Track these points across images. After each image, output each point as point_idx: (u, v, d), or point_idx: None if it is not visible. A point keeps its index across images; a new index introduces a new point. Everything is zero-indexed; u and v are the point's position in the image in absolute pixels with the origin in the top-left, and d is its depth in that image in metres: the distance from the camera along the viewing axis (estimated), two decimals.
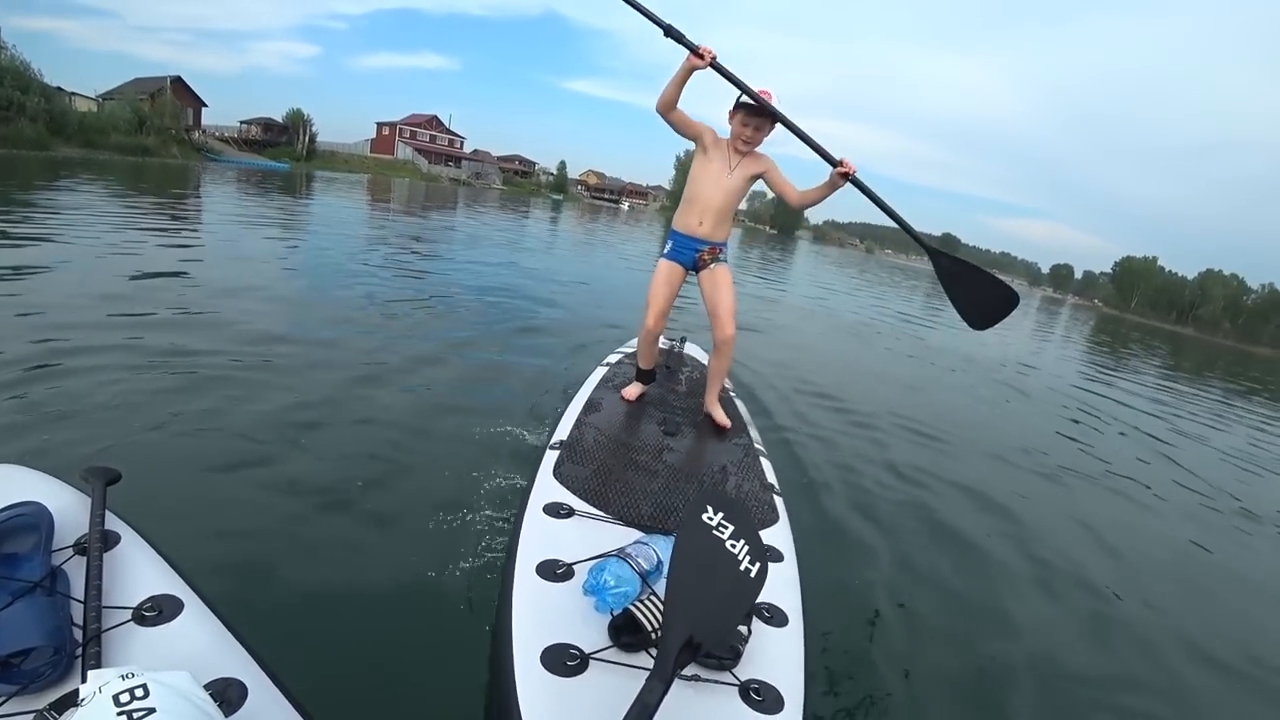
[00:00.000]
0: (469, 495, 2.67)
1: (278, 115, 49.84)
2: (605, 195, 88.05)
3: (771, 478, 2.50)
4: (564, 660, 1.28)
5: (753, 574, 1.36)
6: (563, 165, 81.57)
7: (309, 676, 1.47)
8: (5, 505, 1.23)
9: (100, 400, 3.00)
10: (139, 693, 0.86)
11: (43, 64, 30.91)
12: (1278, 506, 5.04)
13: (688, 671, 1.32)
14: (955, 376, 7.93)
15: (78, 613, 1.07)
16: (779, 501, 2.26)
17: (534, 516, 1.80)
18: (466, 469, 2.92)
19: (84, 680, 0.91)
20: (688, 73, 2.48)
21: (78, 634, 1.04)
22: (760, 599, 1.55)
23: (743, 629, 1.44)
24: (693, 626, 1.20)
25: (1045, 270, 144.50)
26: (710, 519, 1.41)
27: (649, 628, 1.35)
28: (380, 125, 64.26)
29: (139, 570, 1.22)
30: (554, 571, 1.54)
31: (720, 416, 2.89)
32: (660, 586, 1.48)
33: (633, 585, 1.44)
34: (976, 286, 2.60)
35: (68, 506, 1.32)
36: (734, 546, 1.37)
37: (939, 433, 5.04)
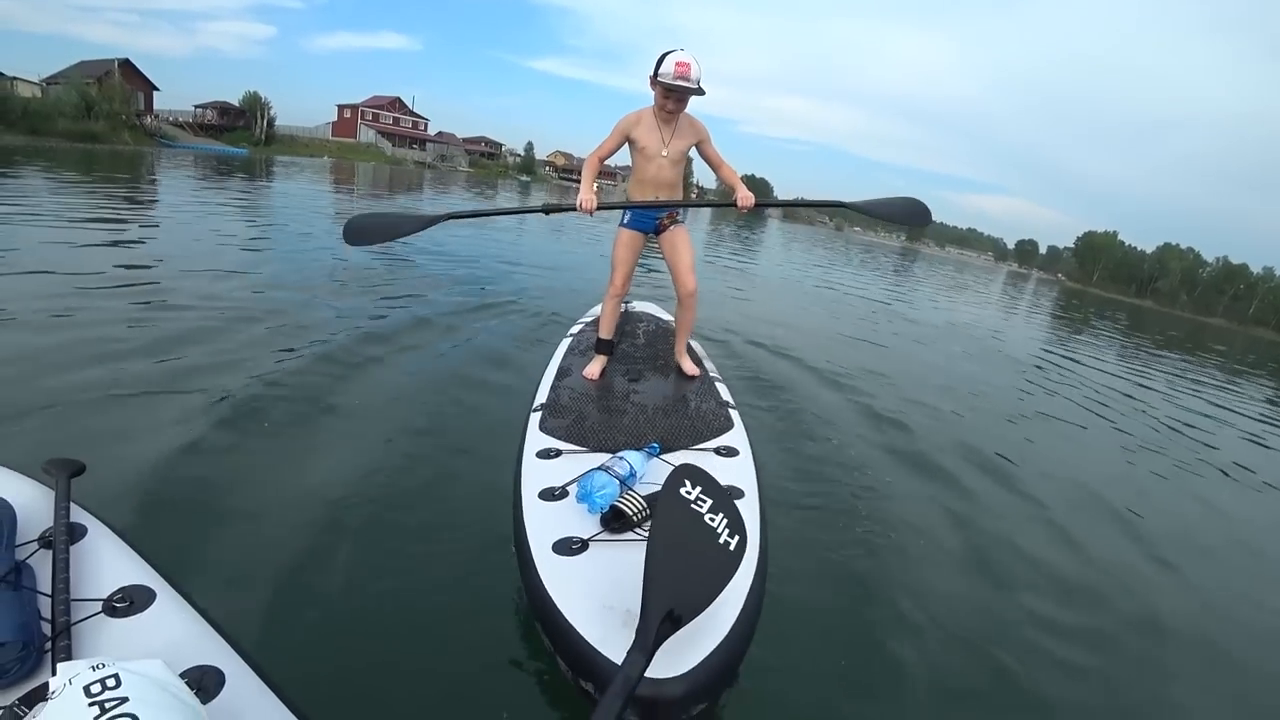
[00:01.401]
0: (459, 455, 2.83)
1: (234, 99, 48.12)
2: (574, 176, 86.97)
3: (727, 396, 2.83)
4: (569, 546, 1.64)
5: (731, 547, 1.39)
6: (530, 146, 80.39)
7: (295, 657, 1.47)
8: None
9: (60, 390, 2.91)
10: (110, 683, 0.85)
11: None
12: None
13: (635, 534, 1.68)
14: (920, 341, 8.11)
15: (46, 607, 1.06)
16: (734, 414, 2.61)
17: (529, 462, 2.13)
18: (456, 433, 3.08)
19: (54, 673, 0.90)
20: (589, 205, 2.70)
21: (46, 628, 1.03)
22: (724, 483, 1.79)
23: None
24: (674, 600, 1.23)
25: (1010, 245, 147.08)
26: (688, 493, 1.45)
27: (629, 513, 1.73)
28: (341, 108, 62.49)
29: (107, 561, 1.20)
30: (552, 494, 1.90)
31: (689, 366, 3.14)
32: (637, 487, 1.89)
33: (614, 487, 1.83)
34: (892, 206, 3.13)
35: (31, 500, 1.29)
36: (712, 520, 1.42)
37: (892, 375, 5.52)
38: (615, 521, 1.73)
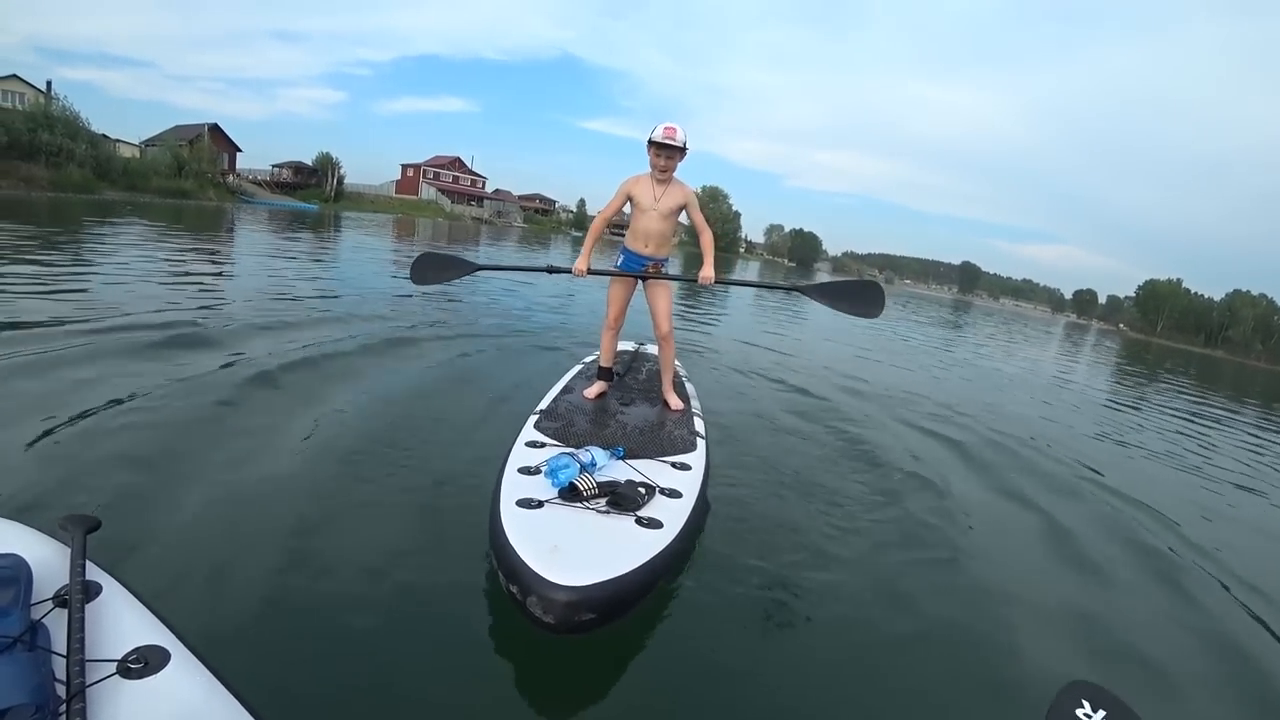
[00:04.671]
0: (466, 463, 3.13)
1: (307, 158, 51.40)
2: (622, 231, 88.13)
3: (700, 428, 3.17)
4: (529, 503, 2.07)
5: None
6: (582, 203, 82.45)
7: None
8: None
9: (80, 445, 2.83)
10: None
11: (90, 113, 32.23)
12: None
13: (602, 507, 2.08)
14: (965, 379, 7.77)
15: (60, 667, 1.03)
16: (701, 441, 2.96)
17: (518, 449, 2.58)
18: (467, 448, 3.35)
19: None
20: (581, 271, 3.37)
21: (61, 690, 1.00)
22: (664, 486, 2.33)
23: (642, 490, 2.19)
24: None
25: (1068, 295, 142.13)
26: (1088, 715, 1.27)
27: (582, 489, 2.12)
28: (405, 167, 65.92)
29: (122, 621, 1.17)
30: (529, 471, 2.32)
31: (674, 401, 3.50)
32: (595, 472, 2.29)
33: (574, 469, 2.22)
34: (847, 292, 3.46)
35: (46, 558, 1.27)
36: None
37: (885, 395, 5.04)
38: (570, 493, 2.11)
